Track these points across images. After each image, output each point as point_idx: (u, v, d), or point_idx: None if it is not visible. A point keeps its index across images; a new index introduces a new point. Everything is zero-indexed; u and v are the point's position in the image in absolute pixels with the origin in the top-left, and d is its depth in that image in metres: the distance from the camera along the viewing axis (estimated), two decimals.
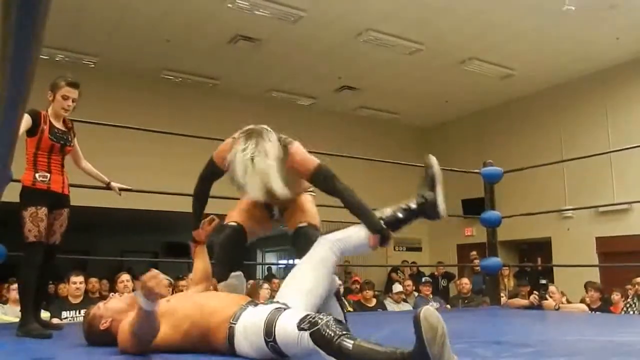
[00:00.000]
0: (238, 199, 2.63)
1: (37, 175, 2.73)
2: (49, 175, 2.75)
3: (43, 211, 2.69)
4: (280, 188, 2.13)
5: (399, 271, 9.71)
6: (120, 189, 3.29)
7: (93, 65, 8.48)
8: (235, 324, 1.80)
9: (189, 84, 9.30)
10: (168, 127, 5.04)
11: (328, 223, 3.05)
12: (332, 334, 1.53)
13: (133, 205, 7.22)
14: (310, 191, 2.61)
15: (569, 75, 9.05)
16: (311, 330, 1.56)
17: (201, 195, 2.49)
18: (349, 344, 1.51)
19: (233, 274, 2.36)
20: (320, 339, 1.54)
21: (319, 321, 1.57)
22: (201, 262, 2.44)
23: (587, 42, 7.87)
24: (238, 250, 2.50)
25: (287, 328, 1.63)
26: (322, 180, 2.29)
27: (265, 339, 1.68)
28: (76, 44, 7.85)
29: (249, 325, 1.75)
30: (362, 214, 2.24)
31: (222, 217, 2.55)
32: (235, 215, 2.51)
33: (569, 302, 5.82)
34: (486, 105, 10.47)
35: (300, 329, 1.59)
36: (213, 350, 1.87)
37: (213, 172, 2.41)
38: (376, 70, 8.93)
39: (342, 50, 8.23)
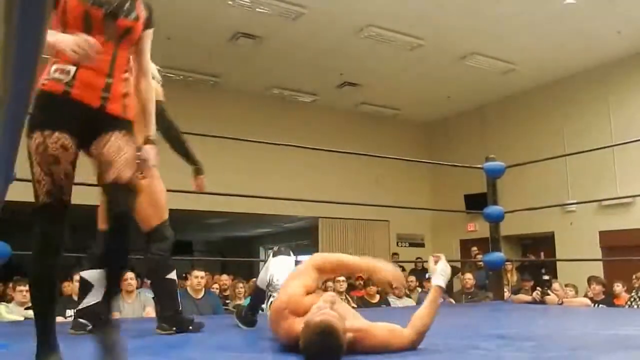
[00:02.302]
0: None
1: (52, 70, 1.58)
2: (72, 70, 1.58)
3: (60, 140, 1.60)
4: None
5: None
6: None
7: None
8: None
9: (190, 82, 9.29)
10: None
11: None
12: None
13: None
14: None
15: (571, 69, 9.01)
16: None
17: None
18: None
19: None
20: None
21: None
22: None
23: (589, 35, 7.83)
24: None
25: None
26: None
27: None
28: None
29: None
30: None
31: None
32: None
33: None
34: (488, 100, 10.45)
35: None
36: None
37: None
38: (377, 67, 8.92)
39: (343, 46, 8.21)
